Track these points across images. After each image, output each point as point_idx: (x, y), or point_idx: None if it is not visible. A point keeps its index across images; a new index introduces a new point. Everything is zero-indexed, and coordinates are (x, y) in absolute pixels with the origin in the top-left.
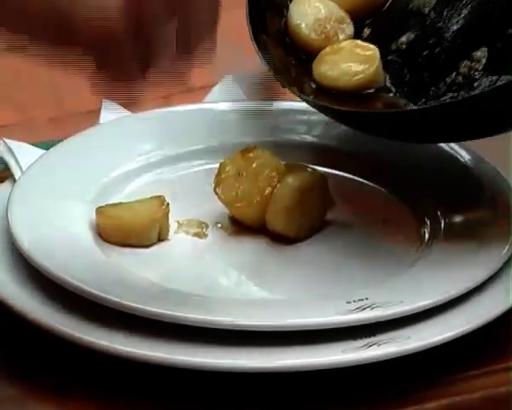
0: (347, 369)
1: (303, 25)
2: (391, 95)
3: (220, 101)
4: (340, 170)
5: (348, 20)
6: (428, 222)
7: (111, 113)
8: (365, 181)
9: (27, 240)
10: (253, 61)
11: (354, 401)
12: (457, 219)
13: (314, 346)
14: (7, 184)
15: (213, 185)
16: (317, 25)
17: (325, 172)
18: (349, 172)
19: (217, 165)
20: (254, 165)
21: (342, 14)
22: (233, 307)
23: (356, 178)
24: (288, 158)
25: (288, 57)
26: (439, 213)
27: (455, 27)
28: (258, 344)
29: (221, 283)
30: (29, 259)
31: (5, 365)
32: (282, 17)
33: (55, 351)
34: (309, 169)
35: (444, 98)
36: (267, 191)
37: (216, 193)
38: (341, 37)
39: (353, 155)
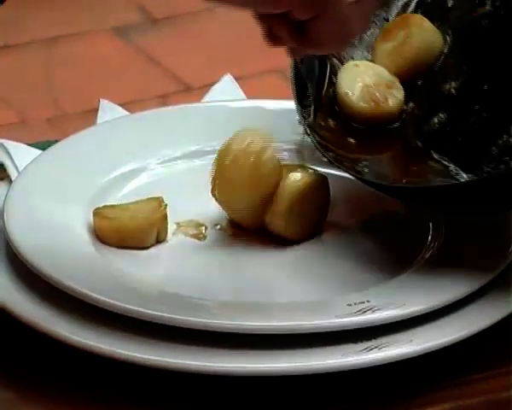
0: (348, 373)
1: (351, 93)
2: (436, 160)
3: (219, 101)
4: (340, 170)
5: (397, 84)
6: (430, 224)
7: (108, 113)
8: None
9: (24, 241)
10: None
11: (354, 405)
12: (460, 221)
13: (314, 349)
14: (3, 185)
15: (210, 187)
16: (366, 92)
17: (325, 172)
18: None
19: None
20: (253, 166)
21: (391, 78)
22: (232, 309)
23: None
24: (287, 158)
25: (339, 127)
26: None
27: (498, 91)
28: (257, 347)
29: (220, 285)
30: (25, 260)
31: None
32: (332, 85)
33: (51, 354)
34: (309, 170)
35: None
36: (266, 192)
37: (213, 195)
38: (391, 102)
39: None
